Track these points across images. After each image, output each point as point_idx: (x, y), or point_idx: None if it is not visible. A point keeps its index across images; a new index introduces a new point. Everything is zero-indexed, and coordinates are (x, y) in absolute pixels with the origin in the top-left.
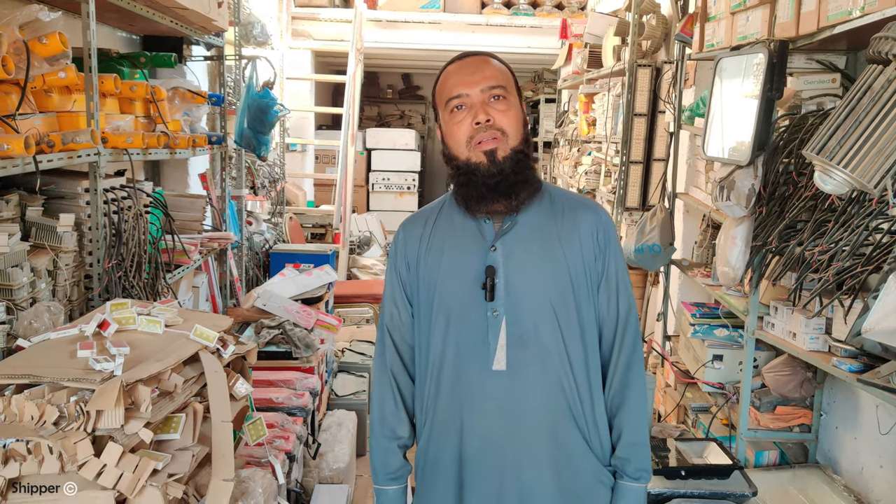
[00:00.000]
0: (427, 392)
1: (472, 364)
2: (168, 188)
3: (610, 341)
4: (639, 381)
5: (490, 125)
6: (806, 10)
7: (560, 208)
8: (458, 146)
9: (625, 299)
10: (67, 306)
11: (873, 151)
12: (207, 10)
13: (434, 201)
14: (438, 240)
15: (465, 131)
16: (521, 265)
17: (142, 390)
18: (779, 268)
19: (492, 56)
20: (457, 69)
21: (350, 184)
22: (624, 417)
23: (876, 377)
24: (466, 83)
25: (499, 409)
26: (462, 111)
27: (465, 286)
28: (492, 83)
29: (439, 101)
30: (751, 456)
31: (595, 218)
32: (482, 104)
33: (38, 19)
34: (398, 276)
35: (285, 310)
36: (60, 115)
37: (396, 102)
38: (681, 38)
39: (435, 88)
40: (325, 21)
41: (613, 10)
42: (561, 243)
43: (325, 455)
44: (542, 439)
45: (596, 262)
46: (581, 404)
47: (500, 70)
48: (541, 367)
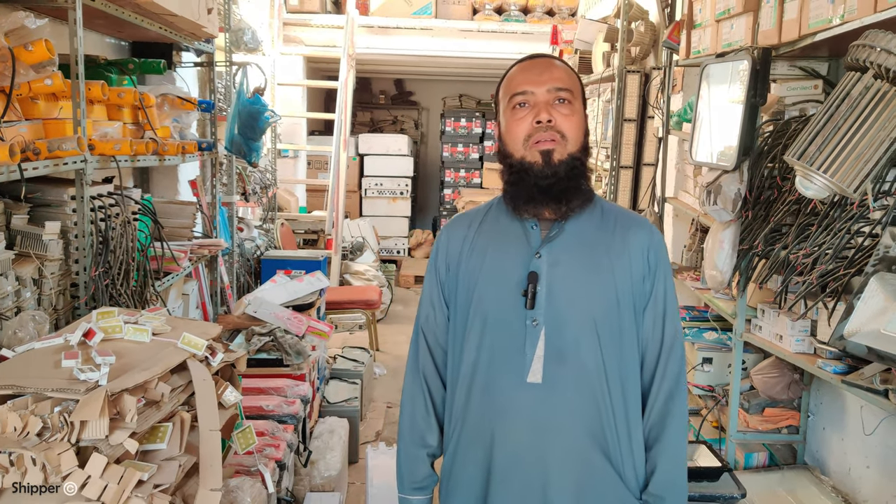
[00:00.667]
0: (458, 399)
1: (506, 373)
2: (158, 195)
3: (652, 367)
4: (681, 414)
5: (551, 126)
6: (788, 18)
7: (611, 222)
8: (515, 143)
9: (672, 324)
10: (53, 315)
11: (852, 156)
12: (197, 17)
13: (482, 203)
14: (482, 241)
15: (525, 129)
16: (565, 275)
17: (127, 400)
18: (765, 271)
19: (563, 61)
20: (526, 67)
21: (342, 189)
22: (660, 451)
23: (860, 378)
24: (533, 81)
25: (530, 423)
26: (524, 109)
27: (505, 291)
28: (559, 84)
29: (503, 97)
30: (740, 458)
31: (647, 236)
32: (546, 104)
33: (25, 26)
34: (437, 276)
35: (276, 316)
36: (47, 123)
37: (389, 108)
38: (668, 44)
39: (500, 85)
40: (317, 27)
41: (603, 16)
42: (609, 258)
43: (317, 463)
44: (572, 461)
45: (644, 282)
46: (616, 429)
47: (569, 75)
48: (577, 385)
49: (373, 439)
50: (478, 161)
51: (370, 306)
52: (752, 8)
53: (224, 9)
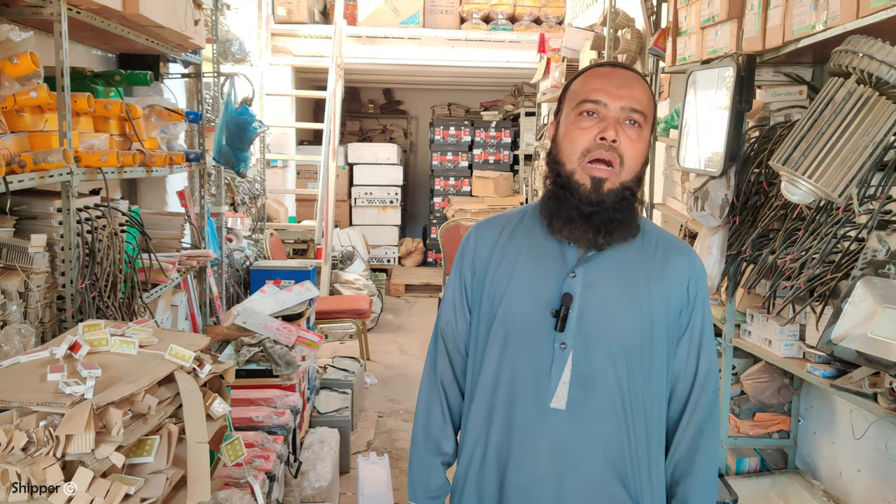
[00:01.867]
0: (476, 412)
1: (529, 396)
2: (146, 206)
3: (682, 401)
4: (712, 449)
5: (614, 146)
6: (772, 25)
7: (652, 247)
8: (571, 153)
9: (706, 358)
10: (39, 328)
11: (837, 161)
12: (184, 28)
13: (515, 209)
14: (514, 251)
15: (586, 141)
16: (600, 300)
17: (113, 413)
18: (753, 276)
19: (646, 81)
20: (606, 74)
21: (332, 199)
22: (691, 486)
23: (849, 382)
24: (611, 93)
25: (550, 450)
26: (592, 118)
27: (534, 308)
28: (636, 105)
29: (570, 98)
30: (732, 463)
31: (689, 264)
32: (616, 121)
33: (10, 39)
34: (462, 280)
35: (265, 327)
36: (32, 135)
37: (378, 117)
38: (654, 52)
39: (569, 84)
40: (305, 37)
41: (590, 24)
42: (647, 286)
43: (307, 473)
44: (590, 491)
45: (682, 314)
46: (637, 462)
47: (649, 98)
48: (602, 415)
49: (364, 449)
50: (467, 169)
51: (360, 316)
52: (737, 15)
53: (211, 20)
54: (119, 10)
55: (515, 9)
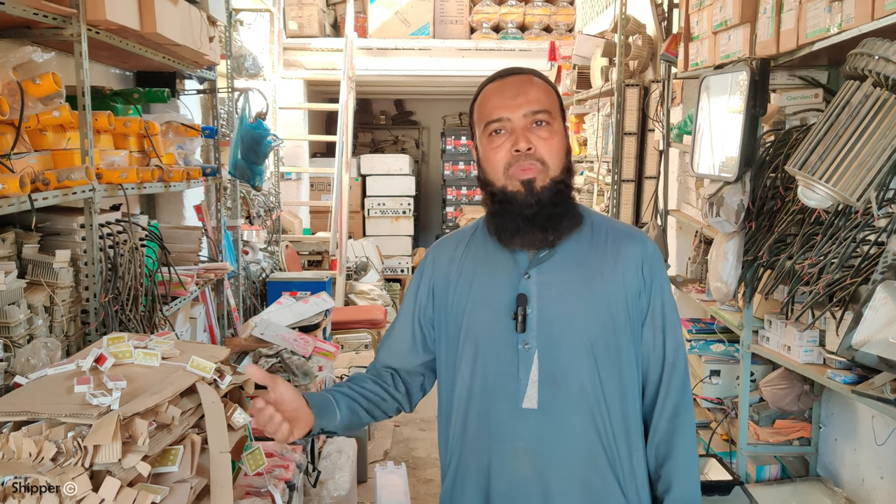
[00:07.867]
0: (453, 427)
1: (501, 400)
2: (164, 221)
3: (655, 384)
4: (688, 429)
5: (531, 154)
6: (785, 28)
7: (602, 237)
8: (495, 172)
9: (672, 338)
10: (65, 342)
11: (854, 165)
12: (199, 46)
13: (468, 224)
14: (469, 265)
15: (503, 157)
16: (556, 297)
17: (139, 423)
18: (770, 281)
19: (536, 74)
20: (498, 89)
21: (345, 210)
22: (673, 469)
23: (870, 388)
24: (508, 106)
25: (527, 450)
26: (501, 136)
27: (494, 315)
28: (535, 107)
29: (477, 122)
30: (752, 471)
31: (640, 248)
32: (524, 130)
33: (32, 60)
34: (416, 297)
35: (282, 338)
36: (55, 153)
37: (390, 128)
38: (666, 57)
39: (473, 106)
40: (317, 51)
41: (600, 31)
42: (602, 276)
43: (326, 483)
44: (574, 487)
45: (640, 297)
46: (618, 450)
47: (546, 92)
48: (575, 409)
49: (381, 458)
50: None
51: (375, 325)
52: (749, 19)
53: (225, 37)
54: (137, 29)
55: (525, 17)
